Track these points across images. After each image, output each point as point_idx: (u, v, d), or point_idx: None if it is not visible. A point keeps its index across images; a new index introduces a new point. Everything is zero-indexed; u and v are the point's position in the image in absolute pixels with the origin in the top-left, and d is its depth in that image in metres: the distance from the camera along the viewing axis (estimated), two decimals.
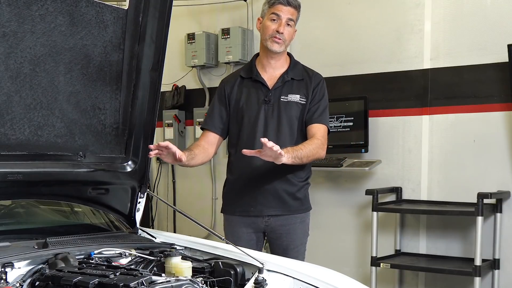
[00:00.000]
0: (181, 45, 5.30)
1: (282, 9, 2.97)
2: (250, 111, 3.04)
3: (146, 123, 2.48)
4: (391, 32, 4.34)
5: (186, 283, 1.92)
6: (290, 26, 3.00)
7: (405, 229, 4.36)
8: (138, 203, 2.62)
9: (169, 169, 5.59)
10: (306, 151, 2.89)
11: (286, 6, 2.97)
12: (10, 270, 1.96)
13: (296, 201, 3.08)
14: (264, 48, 3.05)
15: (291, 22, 3.00)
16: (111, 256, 2.25)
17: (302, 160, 2.88)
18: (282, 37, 2.98)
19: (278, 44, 2.99)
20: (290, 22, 3.00)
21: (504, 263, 3.96)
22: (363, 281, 2.82)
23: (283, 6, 2.97)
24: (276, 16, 2.98)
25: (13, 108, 2.09)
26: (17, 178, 2.17)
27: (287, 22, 2.99)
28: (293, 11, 3.00)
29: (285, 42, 3.01)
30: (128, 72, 2.38)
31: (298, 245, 3.09)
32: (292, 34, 3.05)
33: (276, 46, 2.99)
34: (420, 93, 4.25)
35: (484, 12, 3.99)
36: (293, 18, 3.01)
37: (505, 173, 3.95)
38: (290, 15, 2.99)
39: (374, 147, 4.37)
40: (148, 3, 2.31)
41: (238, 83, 3.11)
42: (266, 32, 3.00)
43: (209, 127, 3.11)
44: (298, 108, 3.04)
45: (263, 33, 3.03)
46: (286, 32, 2.99)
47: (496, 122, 3.97)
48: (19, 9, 2.01)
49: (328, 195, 4.60)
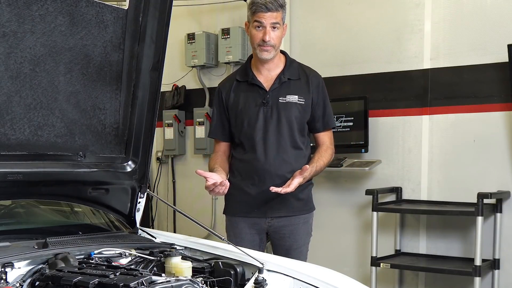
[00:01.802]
0: (181, 45, 5.29)
1: (264, 16, 2.93)
2: (249, 115, 3.04)
3: (146, 123, 2.47)
4: (391, 32, 4.34)
5: (186, 283, 1.92)
6: (276, 29, 2.96)
7: (405, 229, 4.36)
8: (138, 203, 2.62)
9: (169, 169, 5.59)
10: (323, 165, 3.06)
11: (267, 12, 2.92)
12: (10, 270, 1.95)
13: (300, 202, 3.08)
14: (255, 55, 3.05)
15: (276, 25, 2.96)
16: (111, 256, 2.25)
17: (317, 173, 3.06)
18: (270, 44, 2.95)
19: (266, 52, 2.98)
20: (276, 25, 2.95)
21: (504, 263, 3.96)
22: (363, 281, 2.82)
23: (263, 13, 2.92)
24: (259, 23, 2.94)
25: (13, 108, 2.09)
26: (17, 178, 2.16)
27: (272, 26, 2.95)
28: (275, 15, 2.94)
29: (275, 47, 2.99)
30: (128, 72, 2.38)
31: (301, 245, 3.09)
32: (280, 35, 3.01)
33: (265, 54, 2.98)
34: (420, 93, 4.25)
35: (484, 12, 3.99)
36: (277, 21, 2.95)
37: (505, 173, 3.95)
38: (273, 19, 2.94)
39: (374, 147, 4.37)
40: (148, 3, 2.31)
41: (234, 87, 3.10)
42: (253, 41, 3.00)
43: (218, 137, 3.16)
44: (297, 108, 3.03)
45: (251, 41, 3.03)
46: (273, 37, 2.95)
47: (496, 122, 3.97)
48: (19, 9, 2.01)
49: (328, 195, 4.60)
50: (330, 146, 3.12)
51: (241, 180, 3.08)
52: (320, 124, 3.10)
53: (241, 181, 3.08)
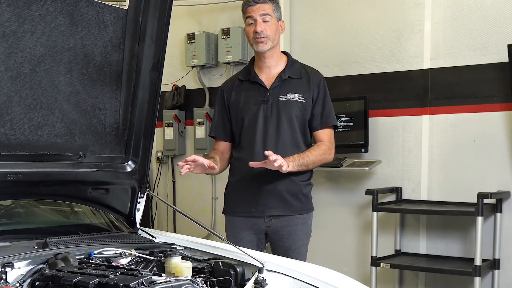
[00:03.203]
0: (181, 45, 5.29)
1: (252, 9, 2.98)
2: (249, 112, 3.05)
3: (146, 123, 2.48)
4: (391, 32, 4.34)
5: (186, 283, 1.92)
6: (267, 21, 2.99)
7: (405, 229, 4.36)
8: (138, 203, 2.62)
9: (169, 169, 5.59)
10: (312, 158, 2.97)
11: (255, 5, 2.98)
12: (10, 270, 1.95)
13: (299, 201, 3.07)
14: (255, 52, 3.08)
15: (267, 17, 2.98)
16: (111, 256, 2.25)
17: (308, 167, 2.99)
18: (263, 34, 2.97)
19: (262, 43, 2.99)
20: (266, 17, 2.98)
21: (504, 263, 3.96)
22: (363, 281, 2.82)
23: (251, 6, 2.99)
24: (250, 19, 3.00)
25: (13, 108, 2.09)
26: (17, 178, 2.16)
27: (262, 19, 2.98)
28: (264, 6, 2.98)
29: (269, 37, 2.99)
30: (128, 72, 2.38)
31: (300, 246, 3.09)
32: (274, 28, 3.02)
33: (261, 46, 3.00)
34: (420, 93, 4.25)
35: (484, 12, 3.99)
36: (267, 12, 2.98)
37: (505, 173, 3.95)
38: (262, 11, 2.98)
39: (374, 147, 4.37)
40: (148, 3, 2.31)
41: (236, 86, 3.12)
42: (248, 38, 3.05)
43: (218, 135, 3.17)
44: (298, 107, 3.04)
45: (248, 39, 3.08)
46: (266, 28, 2.98)
47: (496, 122, 3.97)
48: (19, 9, 2.01)
49: (328, 195, 4.60)
50: (327, 143, 3.07)
51: (239, 178, 3.08)
52: (318, 122, 3.08)
53: (239, 179, 3.08)
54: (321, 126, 3.09)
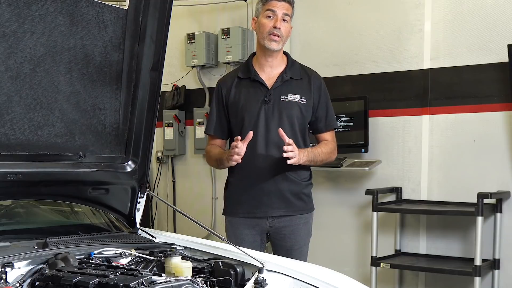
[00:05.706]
0: (181, 45, 5.30)
1: (277, 4, 2.95)
2: (250, 112, 3.03)
3: (146, 123, 2.47)
4: (391, 32, 4.34)
5: (186, 283, 1.92)
6: (286, 22, 2.99)
7: (405, 229, 4.36)
8: (138, 203, 2.62)
9: (169, 169, 5.59)
10: (322, 155, 3.02)
11: (281, 2, 2.95)
12: (10, 270, 1.95)
13: (301, 201, 3.08)
14: (262, 47, 3.03)
15: (287, 18, 2.98)
16: (111, 256, 2.25)
17: (316, 162, 3.02)
18: (280, 33, 2.96)
19: (276, 42, 2.97)
20: (286, 17, 2.98)
21: (504, 263, 3.96)
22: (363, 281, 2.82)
23: (277, 1, 2.95)
24: (271, 13, 2.96)
25: (13, 108, 2.09)
26: (17, 178, 2.16)
27: (283, 17, 2.97)
28: (288, 6, 2.98)
29: (283, 38, 2.99)
30: (128, 72, 2.38)
31: (302, 245, 3.10)
32: (289, 31, 3.03)
33: (274, 45, 2.98)
34: (420, 93, 4.25)
35: (484, 12, 3.99)
36: (289, 13, 2.99)
37: (505, 173, 3.95)
38: (285, 10, 2.97)
39: (374, 147, 4.37)
40: (148, 3, 2.31)
41: (236, 83, 3.09)
42: (263, 30, 2.98)
43: (213, 133, 3.15)
44: (299, 108, 3.03)
45: (260, 31, 3.00)
46: (283, 28, 2.97)
47: (496, 122, 3.97)
48: (19, 9, 2.01)
49: (328, 195, 4.60)
50: (333, 143, 3.13)
51: (241, 179, 3.07)
52: (323, 125, 3.11)
53: (241, 180, 3.07)
54: (326, 128, 3.13)
